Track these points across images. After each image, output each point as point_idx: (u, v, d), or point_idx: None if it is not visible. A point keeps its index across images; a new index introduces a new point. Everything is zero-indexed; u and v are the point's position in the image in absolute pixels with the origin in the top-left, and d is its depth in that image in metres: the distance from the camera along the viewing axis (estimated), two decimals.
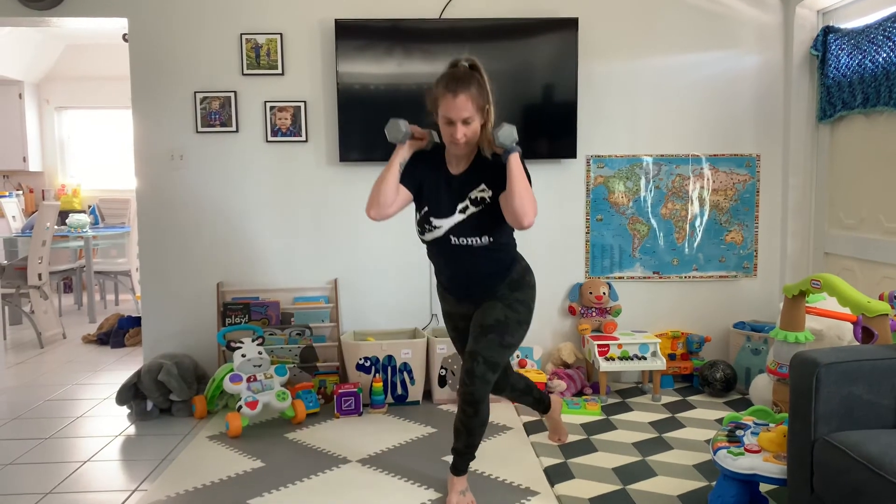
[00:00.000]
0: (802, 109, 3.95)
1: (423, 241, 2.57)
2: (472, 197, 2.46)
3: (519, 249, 2.54)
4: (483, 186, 2.46)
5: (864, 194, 3.57)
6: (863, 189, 3.58)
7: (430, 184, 2.51)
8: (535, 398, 2.99)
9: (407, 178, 2.49)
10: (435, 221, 2.49)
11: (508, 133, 2.34)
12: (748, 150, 4.06)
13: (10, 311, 5.61)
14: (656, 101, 4.00)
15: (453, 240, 2.48)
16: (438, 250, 2.56)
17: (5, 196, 6.61)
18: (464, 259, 2.51)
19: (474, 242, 2.46)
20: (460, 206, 2.47)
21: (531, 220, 2.34)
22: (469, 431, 2.50)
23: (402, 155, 2.48)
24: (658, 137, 4.02)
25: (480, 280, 2.54)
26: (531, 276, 2.62)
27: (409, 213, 2.61)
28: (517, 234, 2.58)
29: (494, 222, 2.45)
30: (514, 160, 2.36)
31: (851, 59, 3.56)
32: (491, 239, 2.46)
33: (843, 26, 3.69)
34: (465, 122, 2.35)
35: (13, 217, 6.41)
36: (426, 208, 2.51)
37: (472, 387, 2.42)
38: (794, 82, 3.94)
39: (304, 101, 3.89)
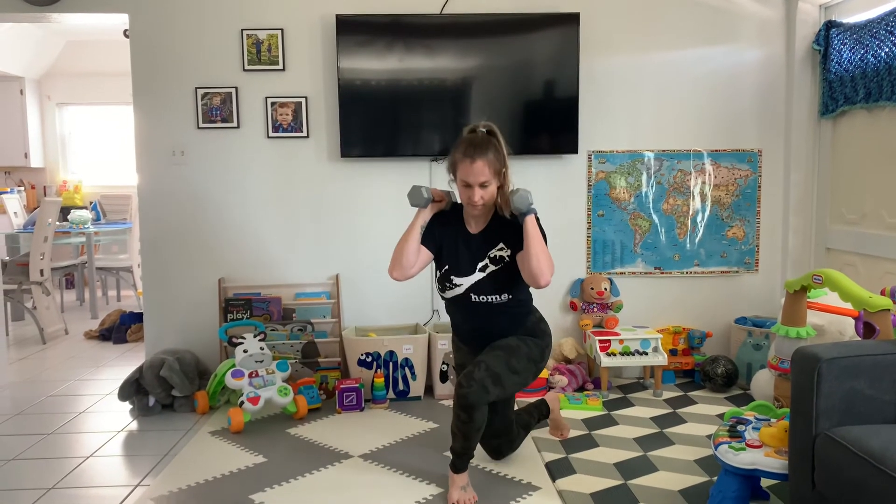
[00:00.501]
0: (804, 104, 3.94)
1: (444, 297, 2.67)
2: (492, 256, 2.56)
3: None
4: (502, 245, 2.56)
5: (867, 189, 3.56)
6: (865, 184, 3.58)
7: (449, 243, 2.60)
8: (536, 420, 3.06)
9: (427, 239, 2.59)
10: (455, 280, 2.58)
11: (523, 198, 2.45)
12: (750, 145, 4.05)
13: (13, 307, 5.62)
14: (658, 96, 4.00)
15: (473, 297, 2.57)
16: (458, 307, 2.66)
17: (7, 192, 6.62)
18: (482, 315, 2.60)
19: (494, 300, 2.55)
20: (480, 265, 2.56)
21: (548, 280, 2.45)
22: (464, 436, 2.51)
23: (423, 218, 2.59)
24: (659, 133, 4.02)
25: (498, 334, 2.62)
26: (545, 325, 2.72)
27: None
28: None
29: (513, 280, 2.55)
30: (531, 222, 2.46)
31: (854, 53, 3.55)
32: (510, 296, 2.56)
33: (845, 21, 3.68)
34: (483, 185, 2.45)
35: (15, 213, 6.42)
36: (447, 267, 2.60)
37: (468, 389, 2.43)
38: (796, 77, 3.93)
39: (306, 97, 3.88)
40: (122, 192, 7.14)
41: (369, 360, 3.65)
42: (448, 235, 2.61)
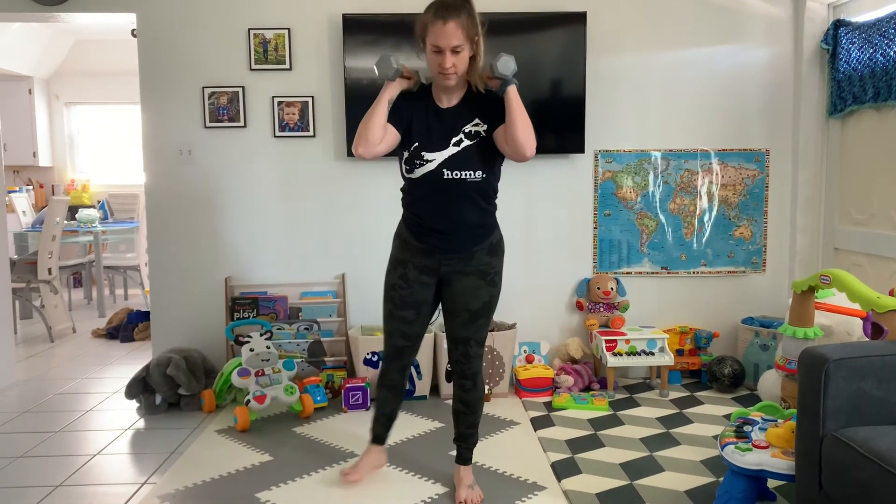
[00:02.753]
0: (812, 104, 3.93)
1: (411, 178, 2.44)
2: (467, 131, 2.41)
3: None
4: (478, 120, 2.42)
5: (875, 189, 3.54)
6: (873, 184, 3.56)
7: (419, 119, 2.44)
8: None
9: (394, 117, 2.41)
10: (427, 155, 2.39)
11: (506, 62, 2.32)
12: (757, 144, 4.03)
13: (21, 305, 5.65)
14: (665, 95, 3.99)
15: (446, 173, 2.38)
16: (425, 189, 2.43)
17: (16, 191, 6.65)
18: (452, 199, 2.41)
19: (468, 176, 2.38)
20: (454, 140, 2.39)
21: (532, 151, 2.33)
22: (470, 407, 2.56)
23: (390, 92, 2.40)
24: (667, 132, 4.01)
25: (466, 230, 2.45)
26: (503, 244, 2.59)
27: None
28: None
29: (488, 158, 2.41)
30: (514, 92, 2.33)
31: (862, 52, 3.53)
32: (484, 175, 2.40)
33: (854, 20, 3.66)
34: (455, 51, 2.30)
35: (23, 212, 6.45)
36: (416, 143, 2.41)
37: (469, 364, 2.53)
38: (805, 77, 3.92)
39: (312, 96, 3.89)
40: (129, 191, 7.17)
41: (375, 359, 3.65)
42: (417, 111, 2.44)
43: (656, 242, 4.05)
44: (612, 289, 3.95)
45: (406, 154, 2.44)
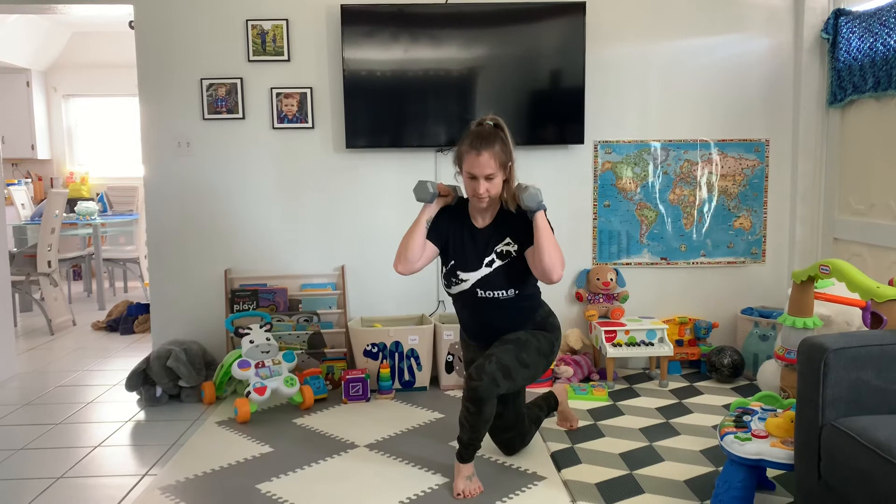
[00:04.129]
0: (812, 94, 3.91)
1: (449, 293, 2.66)
2: (499, 251, 2.56)
3: None
4: (509, 240, 2.55)
5: (875, 179, 3.54)
6: (873, 174, 3.55)
7: (455, 238, 2.60)
8: (546, 413, 3.05)
9: (433, 234, 2.59)
10: (462, 275, 2.57)
11: (533, 196, 2.44)
12: (757, 135, 4.03)
13: (21, 298, 5.65)
14: (664, 85, 3.98)
15: (479, 293, 2.56)
16: (464, 303, 2.65)
17: (14, 184, 6.64)
18: (489, 311, 2.59)
19: (500, 295, 2.55)
20: (486, 260, 2.56)
21: (559, 275, 2.45)
22: (473, 427, 2.50)
23: (428, 212, 2.59)
24: (666, 122, 4.00)
25: (506, 329, 2.61)
26: (554, 319, 2.72)
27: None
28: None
29: (520, 275, 2.55)
30: (541, 218, 2.47)
31: (863, 42, 3.52)
32: (516, 291, 2.56)
33: (854, 9, 3.64)
34: (488, 178, 2.46)
35: (22, 205, 6.44)
36: (452, 262, 2.60)
37: (478, 381, 2.42)
38: (804, 66, 3.91)
39: (311, 88, 3.88)
40: (128, 183, 7.16)
41: (375, 350, 3.66)
42: (454, 230, 2.61)
43: (656, 233, 4.05)
44: (611, 279, 3.95)
45: (444, 270, 2.65)
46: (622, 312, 3.91)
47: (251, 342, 3.45)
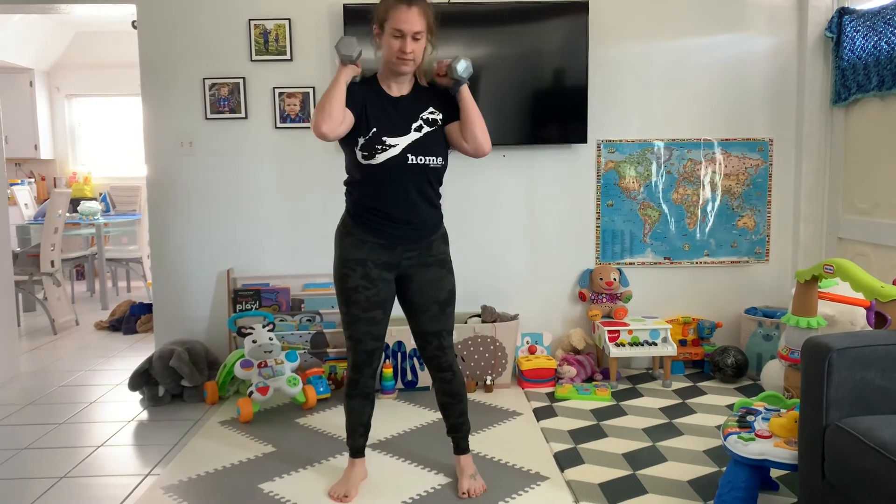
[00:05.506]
0: (816, 93, 3.90)
1: (370, 164, 2.36)
2: (425, 118, 2.44)
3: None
4: (432, 109, 2.46)
5: (879, 179, 3.53)
6: (877, 173, 3.54)
7: (374, 105, 2.42)
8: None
9: (349, 101, 2.36)
10: (389, 140, 2.37)
11: (467, 66, 2.38)
12: (761, 134, 4.02)
13: (24, 298, 5.66)
14: (668, 84, 3.97)
15: (410, 158, 2.37)
16: (387, 175, 2.38)
17: (17, 184, 6.65)
18: (415, 185, 2.40)
19: (431, 162, 2.40)
20: (415, 125, 2.42)
21: (490, 147, 2.43)
22: (456, 396, 2.57)
23: (347, 74, 2.38)
24: (669, 122, 3.99)
25: (426, 218, 2.46)
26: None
27: None
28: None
29: (445, 146, 2.47)
30: (466, 91, 2.41)
31: (867, 41, 3.51)
32: (443, 161, 2.45)
33: (858, 7, 3.63)
34: (416, 37, 2.33)
35: (25, 205, 6.45)
36: (375, 129, 2.37)
37: (446, 356, 2.53)
38: (808, 65, 3.89)
39: (313, 87, 3.88)
40: (131, 183, 7.17)
41: None
42: (370, 96, 2.42)
43: (659, 233, 4.04)
44: (614, 279, 3.95)
45: (363, 140, 2.37)
46: (625, 312, 3.90)
47: (254, 342, 3.45)
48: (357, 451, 2.64)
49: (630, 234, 4.04)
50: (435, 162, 2.41)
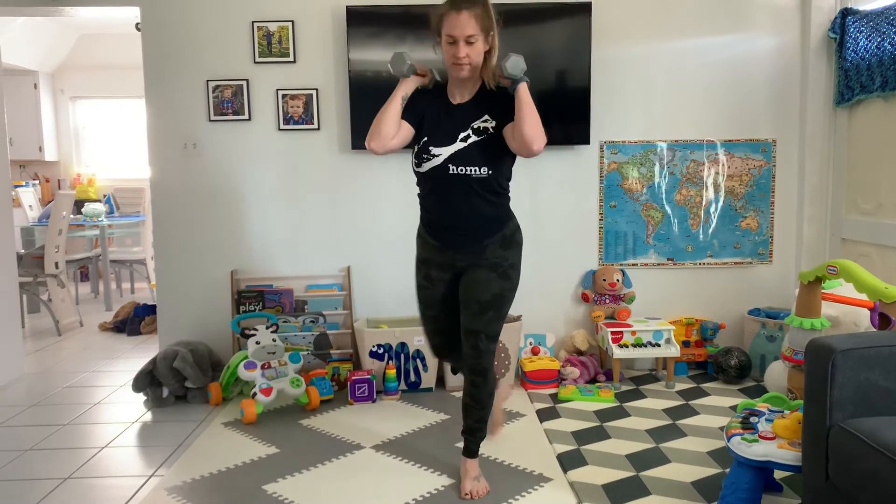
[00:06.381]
0: (819, 93, 3.90)
1: (419, 172, 2.47)
2: (475, 126, 2.42)
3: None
4: (487, 117, 2.43)
5: (883, 179, 3.52)
6: (881, 174, 3.53)
7: (431, 116, 2.46)
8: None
9: (408, 113, 2.44)
10: (434, 150, 2.42)
11: (516, 62, 2.33)
12: (764, 135, 4.01)
13: (28, 299, 5.67)
14: (671, 85, 3.97)
15: (451, 168, 2.40)
16: (434, 184, 2.46)
17: (22, 186, 6.68)
18: (460, 194, 2.42)
19: (472, 172, 2.39)
20: (462, 135, 2.41)
21: (540, 146, 2.34)
22: (479, 403, 2.53)
23: (404, 89, 2.44)
24: (672, 123, 3.99)
25: (475, 224, 2.45)
26: (520, 235, 2.57)
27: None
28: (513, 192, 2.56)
29: (495, 155, 2.42)
30: (524, 89, 2.35)
31: (870, 41, 3.50)
32: (490, 171, 2.40)
33: (861, 8, 3.63)
34: (469, 41, 2.32)
35: (30, 206, 6.47)
36: (425, 138, 2.44)
37: (479, 359, 2.49)
38: (811, 66, 3.89)
39: (317, 89, 3.88)
40: (135, 185, 7.19)
41: (381, 351, 3.66)
42: (430, 108, 2.47)
43: (662, 234, 4.04)
44: (617, 280, 3.95)
45: (416, 148, 2.47)
46: (628, 313, 3.90)
47: (257, 343, 3.45)
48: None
49: (633, 235, 4.04)
50: (478, 172, 2.40)
